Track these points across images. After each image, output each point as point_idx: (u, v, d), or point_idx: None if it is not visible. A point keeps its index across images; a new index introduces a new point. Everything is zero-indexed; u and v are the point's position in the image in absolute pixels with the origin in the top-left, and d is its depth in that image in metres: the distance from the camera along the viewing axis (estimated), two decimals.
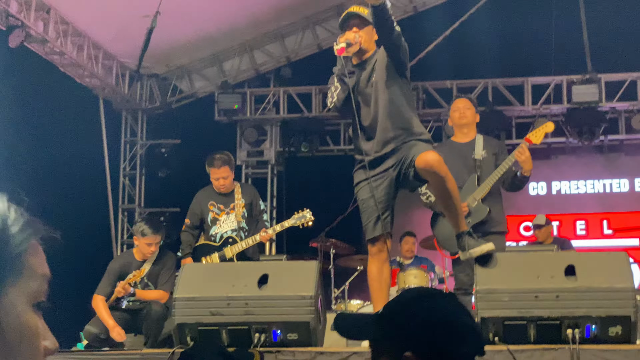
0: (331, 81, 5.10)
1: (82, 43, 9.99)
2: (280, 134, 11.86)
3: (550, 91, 11.07)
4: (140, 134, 11.79)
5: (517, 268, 5.02)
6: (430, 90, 11.34)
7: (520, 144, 6.37)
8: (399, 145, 4.98)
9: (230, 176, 6.95)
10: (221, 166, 6.91)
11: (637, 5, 10.43)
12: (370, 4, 4.71)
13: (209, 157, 7.03)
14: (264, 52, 11.58)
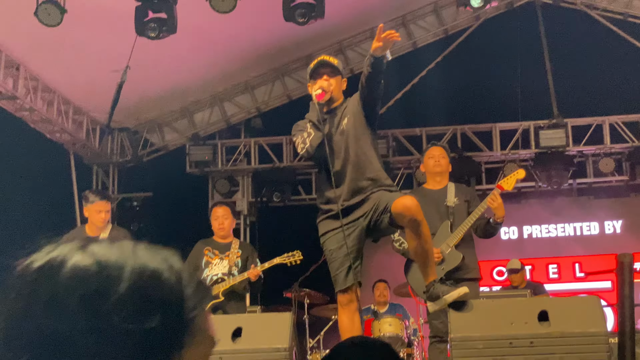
0: (298, 128, 5.11)
1: (52, 99, 9.99)
2: (252, 184, 11.87)
3: (518, 136, 11.23)
4: (111, 187, 11.74)
5: (491, 314, 5.03)
6: (400, 137, 11.45)
7: (492, 191, 6.43)
8: (368, 195, 4.99)
9: (230, 219, 7.21)
10: (222, 206, 7.37)
11: (600, 51, 10.68)
12: (372, 55, 4.79)
13: (212, 204, 7.57)
14: (234, 104, 11.64)
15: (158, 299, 0.97)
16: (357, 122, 5.04)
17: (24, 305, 0.94)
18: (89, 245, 1.01)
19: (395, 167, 11.29)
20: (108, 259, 0.98)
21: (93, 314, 0.93)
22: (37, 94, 9.63)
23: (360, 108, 5.05)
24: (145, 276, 0.98)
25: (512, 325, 4.84)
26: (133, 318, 0.94)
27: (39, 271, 0.97)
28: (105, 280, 0.95)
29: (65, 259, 0.97)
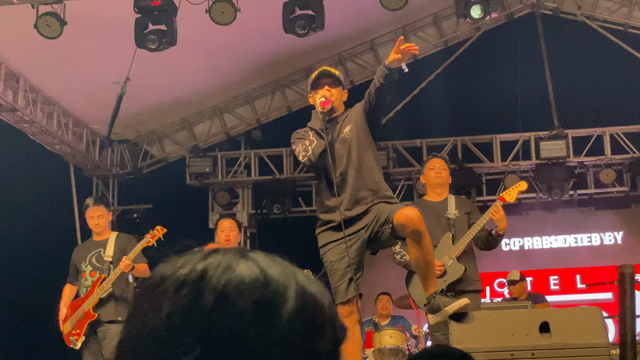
0: (298, 136, 5.09)
1: (51, 111, 9.99)
2: (252, 196, 11.86)
3: (518, 147, 11.22)
4: (111, 199, 11.73)
5: (492, 326, 5.01)
6: (400, 149, 11.44)
7: (495, 203, 6.42)
8: (369, 207, 4.97)
9: (236, 232, 7.37)
10: (228, 218, 7.61)
11: (600, 62, 10.68)
12: (388, 66, 4.77)
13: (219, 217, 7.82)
14: (234, 116, 11.64)
15: (319, 322, 0.93)
16: (359, 132, 5.02)
17: (190, 301, 0.89)
18: (249, 254, 0.96)
19: (396, 179, 11.28)
20: (272, 273, 0.93)
21: (266, 321, 0.89)
22: (37, 105, 9.63)
23: (363, 118, 5.04)
24: (307, 297, 0.93)
25: (513, 337, 4.82)
26: (301, 337, 0.90)
27: (203, 272, 0.91)
28: (274, 294, 0.91)
29: (230, 265, 0.92)
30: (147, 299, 0.92)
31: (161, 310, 0.89)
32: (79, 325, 6.87)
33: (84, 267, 7.03)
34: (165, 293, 0.91)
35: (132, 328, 0.92)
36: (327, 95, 5.00)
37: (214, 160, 11.56)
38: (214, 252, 0.95)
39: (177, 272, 0.92)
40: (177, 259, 0.96)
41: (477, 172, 11.30)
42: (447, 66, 11.13)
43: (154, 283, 0.94)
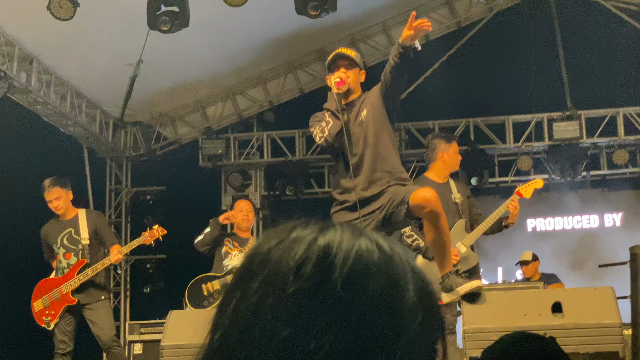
0: (316, 119, 5.11)
1: (65, 92, 10.03)
2: (264, 178, 11.88)
3: (531, 128, 11.18)
4: (125, 181, 11.78)
5: (504, 306, 5.03)
6: (412, 130, 11.43)
7: (512, 197, 6.54)
8: (385, 187, 4.99)
9: (253, 213, 7.56)
10: (245, 199, 7.82)
11: (614, 43, 10.62)
12: (401, 44, 4.76)
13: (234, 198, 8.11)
14: (246, 97, 11.65)
15: (433, 309, 0.88)
16: (376, 114, 5.03)
17: (317, 282, 0.83)
18: (366, 232, 0.89)
19: (408, 160, 11.26)
20: (393, 255, 0.88)
21: (392, 306, 0.83)
22: (51, 87, 9.67)
23: (380, 100, 5.04)
24: (423, 283, 0.88)
25: (525, 317, 4.84)
26: (420, 325, 0.85)
27: (326, 249, 0.85)
28: (397, 278, 0.86)
29: (353, 244, 0.86)
30: (258, 274, 0.86)
31: (284, 288, 0.83)
32: (55, 306, 6.87)
33: (57, 249, 7.02)
34: (283, 269, 0.84)
35: (245, 301, 0.85)
36: (343, 76, 5.01)
37: (226, 142, 11.58)
38: (330, 227, 0.89)
39: (295, 246, 0.86)
40: (283, 230, 0.90)
41: (490, 153, 11.27)
42: (460, 47, 11.09)
43: (266, 255, 0.87)
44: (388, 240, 0.90)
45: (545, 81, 10.90)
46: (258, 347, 0.82)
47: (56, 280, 6.93)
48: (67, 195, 7.15)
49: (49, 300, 6.87)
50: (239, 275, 0.88)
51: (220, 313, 0.87)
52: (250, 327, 0.83)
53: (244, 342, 0.83)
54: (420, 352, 0.85)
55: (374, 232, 0.91)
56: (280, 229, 0.91)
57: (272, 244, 0.88)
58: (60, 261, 6.98)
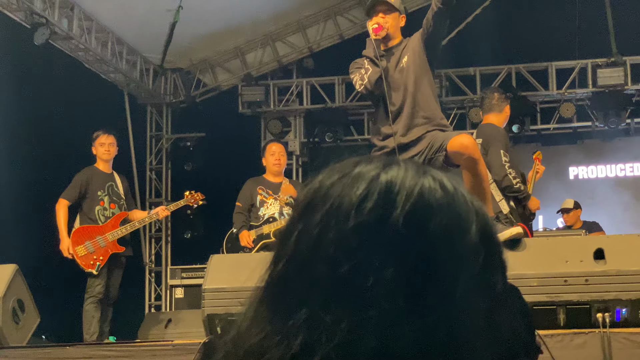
0: (356, 65, 5.09)
1: (106, 39, 10.07)
2: (304, 124, 11.88)
3: (574, 75, 10.99)
4: (165, 127, 11.86)
5: (545, 252, 5.01)
6: (453, 77, 11.30)
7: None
8: (423, 133, 4.97)
9: (285, 157, 7.52)
10: (278, 143, 7.69)
11: None
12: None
13: (265, 142, 7.87)
14: (286, 44, 11.59)
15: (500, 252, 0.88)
16: (417, 60, 4.99)
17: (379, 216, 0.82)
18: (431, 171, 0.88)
19: (448, 107, 11.16)
20: (456, 194, 0.86)
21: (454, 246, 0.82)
22: (92, 34, 9.71)
23: (421, 47, 5.00)
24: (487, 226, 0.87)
25: (567, 263, 4.82)
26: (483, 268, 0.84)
27: (389, 185, 0.84)
28: (460, 218, 0.84)
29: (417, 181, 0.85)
30: (320, 207, 0.85)
31: (346, 222, 0.83)
32: (102, 252, 7.01)
33: (102, 195, 7.17)
34: (346, 203, 0.84)
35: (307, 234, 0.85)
36: (381, 22, 4.96)
37: (266, 89, 11.57)
38: (393, 164, 0.88)
39: (358, 182, 0.86)
40: (347, 165, 0.90)
41: (532, 100, 11.12)
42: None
43: (328, 189, 0.87)
44: (453, 180, 0.89)
45: (590, 27, 10.65)
46: (318, 279, 0.82)
47: (98, 227, 7.06)
48: (116, 148, 7.46)
49: (94, 246, 7.01)
50: (300, 208, 0.88)
51: (282, 245, 0.88)
52: (311, 260, 0.83)
53: (304, 274, 0.84)
54: (480, 292, 0.84)
55: (439, 172, 0.90)
56: (344, 164, 0.91)
57: (335, 179, 0.88)
58: (104, 208, 7.12)
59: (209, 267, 5.57)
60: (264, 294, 0.87)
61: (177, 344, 5.57)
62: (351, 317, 0.80)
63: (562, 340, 4.51)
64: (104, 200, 7.15)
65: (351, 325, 0.80)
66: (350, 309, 0.81)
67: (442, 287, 0.82)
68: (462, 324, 0.82)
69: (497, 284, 0.87)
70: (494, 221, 4.99)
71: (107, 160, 7.34)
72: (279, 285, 0.86)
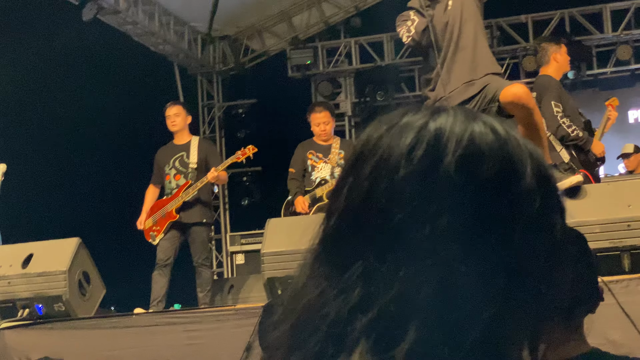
0: (402, 18, 5.01)
1: (152, 11, 10.10)
2: (354, 84, 11.80)
3: (630, 15, 10.66)
4: (216, 96, 11.91)
5: (607, 198, 4.90)
6: (504, 26, 11.08)
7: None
8: (476, 79, 4.88)
9: (331, 123, 7.34)
10: (322, 111, 7.37)
11: None
12: None
13: (310, 106, 7.58)
14: (332, 4, 11.49)
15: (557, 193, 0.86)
16: (464, 4, 4.89)
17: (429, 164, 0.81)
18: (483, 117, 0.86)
19: (501, 57, 10.95)
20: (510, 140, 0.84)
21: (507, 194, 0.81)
22: (138, 7, 9.75)
23: None
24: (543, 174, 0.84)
25: (629, 208, 4.71)
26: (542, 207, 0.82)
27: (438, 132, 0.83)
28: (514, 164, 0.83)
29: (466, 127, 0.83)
30: (370, 159, 0.84)
31: (396, 172, 0.81)
32: (160, 222, 7.18)
33: (168, 170, 7.28)
34: (395, 154, 0.83)
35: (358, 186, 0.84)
36: None
37: (314, 51, 11.51)
38: (442, 111, 0.86)
39: (406, 131, 0.84)
40: (394, 116, 0.88)
41: (587, 44, 10.84)
42: None
43: (377, 141, 0.85)
44: (505, 125, 0.87)
45: None
46: (372, 231, 0.81)
47: (165, 200, 7.24)
48: (185, 116, 7.40)
49: (158, 217, 7.18)
50: (350, 161, 0.87)
51: (334, 199, 0.87)
52: (363, 212, 0.82)
53: (358, 227, 0.83)
54: (540, 235, 0.82)
55: (490, 117, 0.87)
56: (391, 116, 0.89)
57: (383, 130, 0.86)
58: (170, 182, 7.26)
59: (266, 232, 5.60)
60: (319, 250, 0.87)
61: (239, 309, 5.63)
62: (408, 266, 0.79)
63: (627, 285, 4.42)
64: (170, 174, 7.28)
65: (408, 274, 0.79)
66: (406, 259, 0.79)
67: (499, 231, 0.80)
68: (522, 269, 0.81)
69: (555, 227, 0.84)
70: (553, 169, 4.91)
71: (176, 131, 7.36)
72: (333, 240, 0.85)
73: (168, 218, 7.17)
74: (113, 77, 9.87)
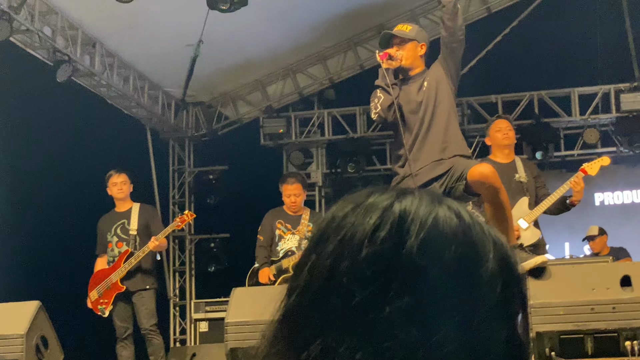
0: (373, 95, 5.10)
1: (127, 75, 10.16)
2: (326, 155, 11.88)
3: (597, 100, 10.91)
4: (187, 161, 11.91)
5: (572, 280, 4.93)
6: (475, 105, 11.27)
7: (576, 174, 6.43)
8: (443, 160, 4.94)
9: (302, 195, 7.36)
10: (294, 183, 7.39)
11: None
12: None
13: (282, 176, 7.68)
14: (306, 75, 11.63)
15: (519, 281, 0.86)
16: (439, 87, 4.98)
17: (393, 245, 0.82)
18: (446, 200, 0.87)
19: (471, 135, 11.11)
20: (473, 225, 0.85)
21: (469, 277, 0.81)
22: (114, 70, 9.80)
23: (442, 72, 5.00)
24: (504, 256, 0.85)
25: (593, 291, 4.74)
26: (498, 298, 0.82)
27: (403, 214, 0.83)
28: (476, 248, 0.83)
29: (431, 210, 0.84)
30: (333, 238, 0.85)
31: (359, 251, 0.82)
32: (107, 295, 7.17)
33: (110, 238, 7.35)
34: (359, 233, 0.83)
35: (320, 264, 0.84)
36: (391, 51, 4.97)
37: (287, 121, 11.60)
38: (407, 194, 0.87)
39: (371, 211, 0.85)
40: (360, 196, 0.89)
41: (555, 126, 11.05)
42: (523, 19, 10.86)
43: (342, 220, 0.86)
44: (470, 211, 0.88)
45: (612, 51, 10.60)
46: (333, 310, 0.81)
47: (107, 270, 7.25)
48: (130, 186, 7.56)
49: (103, 289, 7.16)
50: (314, 238, 0.88)
51: (296, 275, 0.87)
52: (324, 291, 0.82)
53: (318, 306, 0.82)
54: (499, 322, 0.82)
55: (456, 202, 0.88)
56: (357, 195, 0.90)
57: (349, 209, 0.87)
58: (112, 249, 7.28)
59: (231, 300, 5.55)
60: (279, 326, 0.86)
61: None
62: (365, 348, 0.79)
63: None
64: (112, 242, 7.31)
65: (366, 356, 0.78)
66: (365, 341, 0.79)
67: (459, 317, 0.80)
68: (481, 355, 0.80)
69: (516, 314, 0.85)
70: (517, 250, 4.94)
71: (121, 199, 7.45)
72: (293, 317, 0.85)
73: (114, 289, 7.16)
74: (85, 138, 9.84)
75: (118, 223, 7.38)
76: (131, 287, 7.20)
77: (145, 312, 7.21)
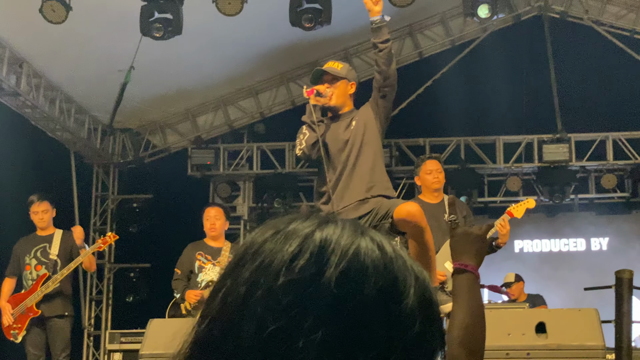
0: (299, 132, 5.10)
1: (54, 97, 9.97)
2: (253, 189, 11.84)
3: (521, 150, 11.19)
4: (111, 188, 11.71)
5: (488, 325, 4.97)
6: (403, 147, 11.42)
7: (502, 217, 6.47)
8: (367, 199, 4.96)
9: (222, 220, 7.26)
10: (215, 207, 7.48)
11: (606, 67, 10.65)
12: (371, 20, 4.80)
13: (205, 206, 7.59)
14: (237, 108, 11.62)
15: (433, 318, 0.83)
16: (367, 127, 5.00)
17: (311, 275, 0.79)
18: (368, 232, 0.85)
19: (398, 177, 11.25)
20: (395, 258, 0.83)
21: (389, 310, 0.79)
22: (40, 91, 9.61)
23: (372, 115, 5.02)
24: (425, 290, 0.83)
25: (509, 337, 4.80)
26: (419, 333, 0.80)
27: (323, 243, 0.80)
28: (396, 281, 0.81)
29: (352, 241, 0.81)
30: (250, 264, 0.82)
31: (275, 280, 0.79)
32: (21, 320, 6.98)
33: (29, 260, 7.20)
34: (277, 261, 0.80)
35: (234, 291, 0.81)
36: (321, 88, 4.99)
37: (216, 152, 11.54)
38: (330, 222, 0.85)
39: (291, 238, 0.82)
40: (282, 222, 0.86)
41: (479, 172, 11.27)
42: (453, 66, 11.10)
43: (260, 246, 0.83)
44: (393, 244, 0.86)
45: (537, 103, 10.92)
46: (244, 340, 0.78)
47: (23, 294, 7.05)
48: (52, 211, 7.44)
49: (17, 314, 6.95)
50: (231, 264, 0.85)
51: (209, 301, 0.84)
52: (237, 319, 0.79)
53: (230, 334, 0.79)
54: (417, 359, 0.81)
55: (379, 234, 0.87)
56: (279, 221, 0.88)
57: (269, 234, 0.85)
58: (30, 272, 7.12)
59: (147, 332, 5.44)
60: (189, 353, 0.83)
61: None
62: None
63: None
64: (30, 264, 7.14)
65: None
66: None
67: (375, 352, 0.78)
68: None
69: (435, 353, 0.83)
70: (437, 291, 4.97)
71: (42, 227, 7.34)
72: (203, 345, 0.81)
73: (29, 314, 6.96)
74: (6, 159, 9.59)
75: (39, 246, 7.24)
76: (47, 312, 6.99)
77: (60, 342, 7.02)
